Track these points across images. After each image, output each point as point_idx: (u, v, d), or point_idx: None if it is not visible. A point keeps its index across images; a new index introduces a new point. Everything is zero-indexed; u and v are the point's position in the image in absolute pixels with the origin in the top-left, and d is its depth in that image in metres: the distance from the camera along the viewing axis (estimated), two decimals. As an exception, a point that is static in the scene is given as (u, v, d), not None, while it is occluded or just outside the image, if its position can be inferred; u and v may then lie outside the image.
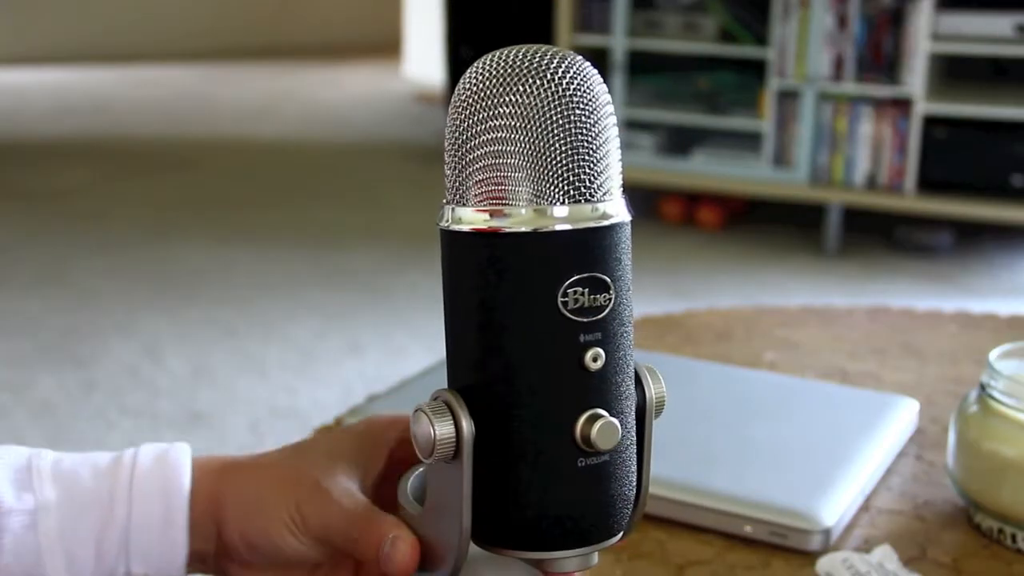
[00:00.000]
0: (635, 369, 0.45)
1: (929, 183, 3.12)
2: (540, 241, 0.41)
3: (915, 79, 3.06)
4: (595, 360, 0.41)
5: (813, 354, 1.01)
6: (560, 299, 0.41)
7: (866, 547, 0.71)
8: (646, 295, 2.84)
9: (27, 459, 0.51)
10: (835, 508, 0.72)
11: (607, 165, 0.42)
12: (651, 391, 0.45)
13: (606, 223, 0.42)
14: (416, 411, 0.43)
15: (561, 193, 0.41)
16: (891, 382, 0.96)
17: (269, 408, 2.25)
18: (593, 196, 0.41)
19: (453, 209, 0.42)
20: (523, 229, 0.41)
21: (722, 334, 1.06)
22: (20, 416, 2.20)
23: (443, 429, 0.42)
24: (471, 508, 0.43)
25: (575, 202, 0.41)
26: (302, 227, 3.49)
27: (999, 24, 3.01)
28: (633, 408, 0.44)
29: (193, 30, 6.79)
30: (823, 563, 0.69)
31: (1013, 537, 0.71)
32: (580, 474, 0.42)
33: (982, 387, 0.73)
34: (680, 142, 3.44)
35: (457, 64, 4.27)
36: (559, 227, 0.41)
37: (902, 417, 0.84)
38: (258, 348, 2.56)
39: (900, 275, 3.08)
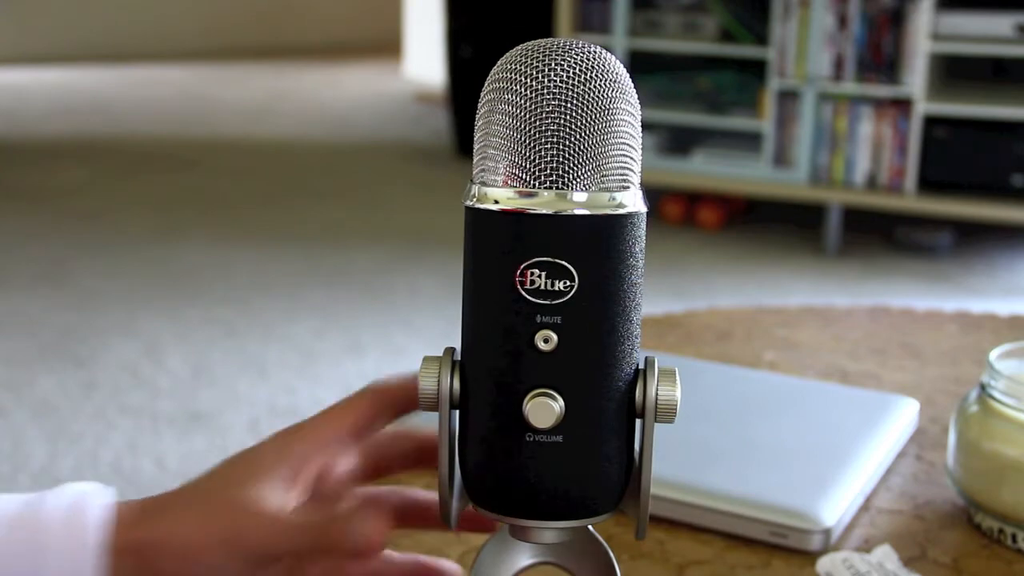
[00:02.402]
0: (642, 366, 0.46)
1: (929, 183, 3.12)
2: (507, 221, 0.43)
3: (915, 79, 3.06)
4: (546, 342, 0.43)
5: (813, 354, 1.01)
6: (518, 278, 0.43)
7: (866, 547, 0.71)
8: (646, 295, 2.83)
9: None
10: (835, 508, 0.72)
11: (595, 155, 0.43)
12: (652, 390, 0.45)
13: (578, 212, 0.43)
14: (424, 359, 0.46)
15: (533, 178, 0.43)
16: (891, 382, 0.96)
17: (269, 408, 2.25)
18: (567, 184, 0.43)
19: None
20: (492, 207, 0.43)
21: (722, 334, 1.06)
22: (20, 416, 2.20)
23: (425, 382, 0.45)
24: (447, 460, 0.46)
25: (548, 188, 0.43)
26: (302, 227, 3.49)
27: (999, 24, 3.01)
28: (607, 397, 0.45)
29: (193, 30, 6.79)
30: (823, 563, 0.69)
31: (1013, 537, 0.71)
32: (529, 449, 0.44)
33: (982, 387, 0.73)
34: (680, 142, 3.44)
35: (457, 64, 4.27)
36: (529, 210, 0.43)
37: (902, 417, 0.84)
38: (258, 348, 2.56)
39: (900, 275, 3.08)
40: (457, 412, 0.46)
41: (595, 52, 0.44)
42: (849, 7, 3.11)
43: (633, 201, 0.44)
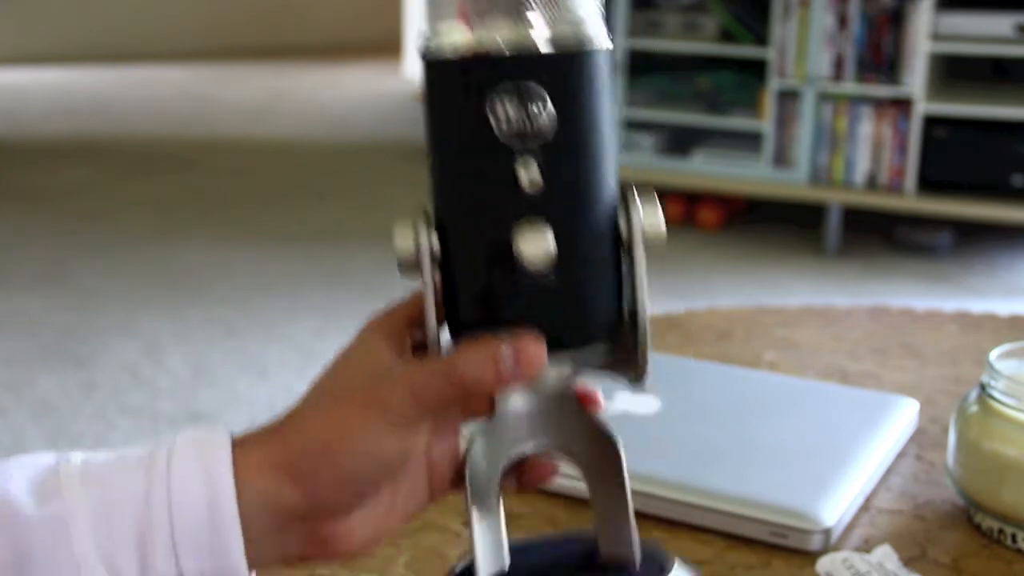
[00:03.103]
0: (625, 196, 0.45)
1: (929, 183, 3.12)
2: (470, 59, 0.41)
3: (915, 79, 3.06)
4: (530, 177, 0.42)
5: (813, 354, 1.01)
6: (488, 109, 0.41)
7: (866, 547, 0.71)
8: (646, 295, 2.83)
9: (52, 465, 0.46)
10: (835, 508, 0.72)
11: None
12: (639, 217, 0.45)
13: (543, 35, 0.41)
14: (395, 225, 0.45)
15: (491, 5, 0.41)
16: (891, 382, 0.96)
17: (269, 408, 2.25)
18: (525, 9, 0.41)
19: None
20: (456, 40, 0.41)
21: (722, 334, 1.06)
22: (20, 416, 2.20)
23: (402, 243, 0.44)
24: (435, 318, 0.45)
25: (506, 15, 0.41)
26: (302, 227, 3.49)
27: (999, 24, 3.01)
28: (596, 228, 0.44)
29: (193, 30, 6.79)
30: (823, 563, 0.69)
31: (1013, 537, 0.71)
32: (525, 288, 0.43)
33: (982, 387, 0.73)
34: (680, 142, 3.43)
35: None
36: (491, 48, 0.41)
37: (902, 417, 0.84)
38: (258, 348, 2.56)
39: (900, 275, 3.08)
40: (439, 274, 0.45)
41: None
42: (849, 7, 3.11)
43: (597, 33, 0.43)
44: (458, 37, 0.41)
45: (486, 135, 0.41)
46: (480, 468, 0.48)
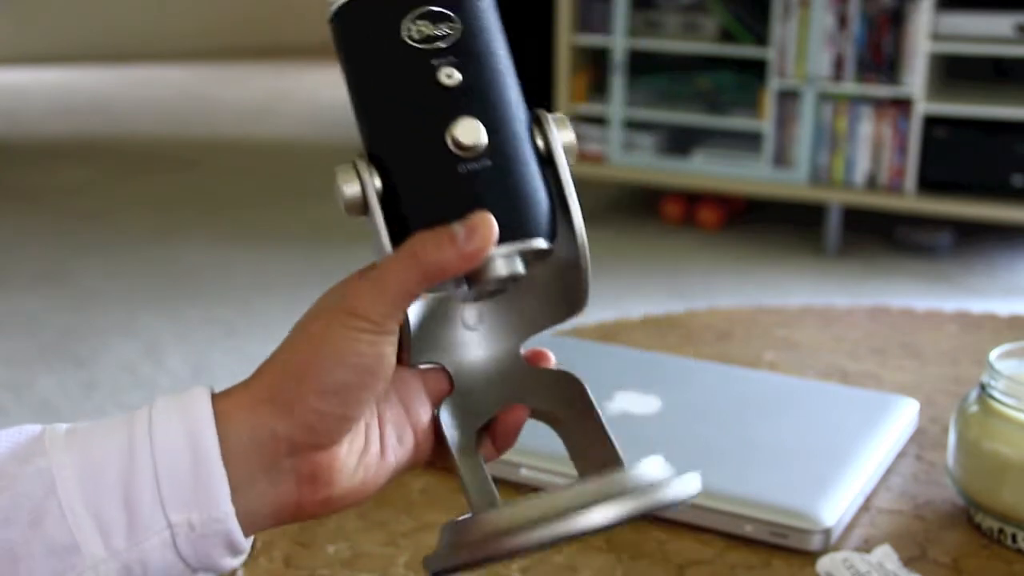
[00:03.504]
0: (538, 115, 0.49)
1: (929, 183, 3.12)
2: None
3: (915, 79, 3.06)
4: (450, 77, 0.46)
5: (813, 354, 1.02)
6: (404, 33, 0.46)
7: (866, 547, 0.71)
8: (646, 295, 2.83)
9: (37, 433, 0.46)
10: (835, 508, 0.72)
11: None
12: (553, 129, 0.48)
13: None
14: (334, 171, 0.48)
15: None
16: (891, 382, 0.96)
17: (269, 408, 2.25)
18: None
19: None
20: None
21: (722, 334, 1.06)
22: (20, 416, 2.20)
23: (350, 189, 0.47)
24: (390, 248, 0.47)
25: None
26: (302, 227, 3.49)
27: (999, 24, 3.01)
28: (517, 126, 0.47)
29: (193, 30, 6.79)
30: (823, 563, 0.69)
31: (1013, 537, 0.71)
32: (464, 179, 0.46)
33: (982, 387, 0.73)
34: (680, 142, 3.43)
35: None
36: None
37: (902, 417, 0.84)
38: (258, 348, 2.56)
39: (900, 275, 3.08)
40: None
41: None
42: (849, 7, 3.11)
43: None
44: None
45: (406, 54, 0.46)
46: (454, 434, 0.51)
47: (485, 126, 0.46)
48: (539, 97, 3.33)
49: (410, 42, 0.46)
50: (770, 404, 0.85)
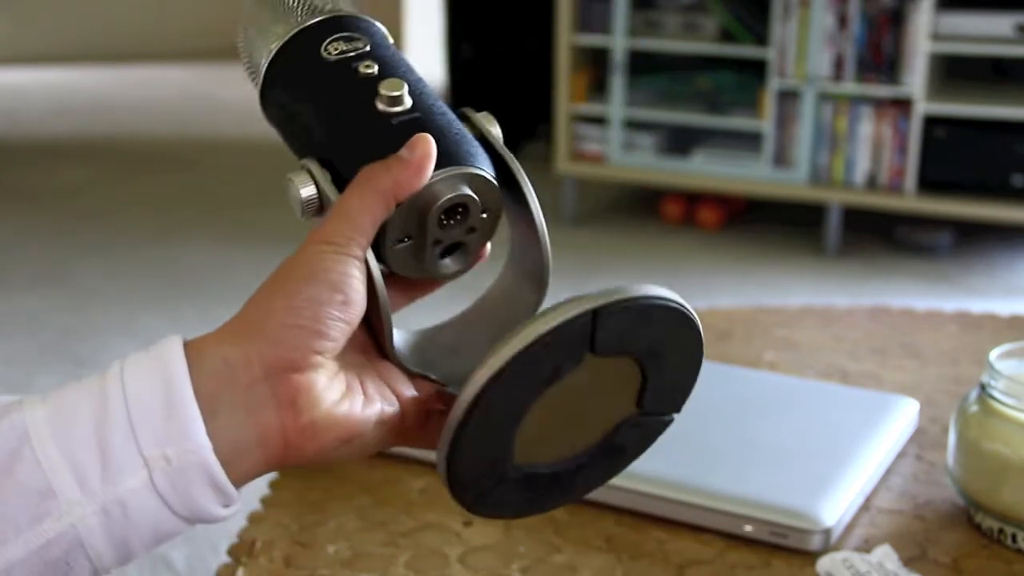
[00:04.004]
0: (462, 110, 0.54)
1: (929, 183, 3.12)
2: (302, 34, 0.54)
3: (915, 79, 3.06)
4: (368, 68, 0.52)
5: (813, 354, 1.02)
6: (324, 55, 0.53)
7: (866, 547, 0.71)
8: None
9: (16, 399, 0.47)
10: (835, 508, 0.72)
11: None
12: (478, 118, 0.53)
13: (339, 14, 0.54)
14: (286, 180, 0.52)
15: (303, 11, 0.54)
16: (891, 382, 0.96)
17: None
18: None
19: None
20: (282, 36, 0.54)
21: (722, 334, 1.06)
22: (20, 416, 2.20)
23: (306, 191, 0.51)
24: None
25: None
26: (302, 227, 3.46)
27: (999, 24, 3.01)
28: (436, 97, 0.53)
29: (193, 30, 6.79)
30: (823, 563, 0.69)
31: (1013, 537, 0.71)
32: (398, 129, 0.50)
33: (982, 387, 0.73)
34: (680, 142, 3.43)
35: (457, 64, 4.27)
36: (311, 22, 0.54)
37: (902, 417, 0.84)
38: (258, 348, 2.56)
39: (900, 275, 3.08)
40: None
41: None
42: (849, 7, 3.11)
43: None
44: (279, 30, 0.54)
45: (330, 66, 0.53)
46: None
47: (407, 89, 0.51)
48: (539, 97, 3.31)
49: (331, 58, 0.53)
50: (770, 404, 0.85)
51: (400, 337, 0.53)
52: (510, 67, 4.16)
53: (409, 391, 0.51)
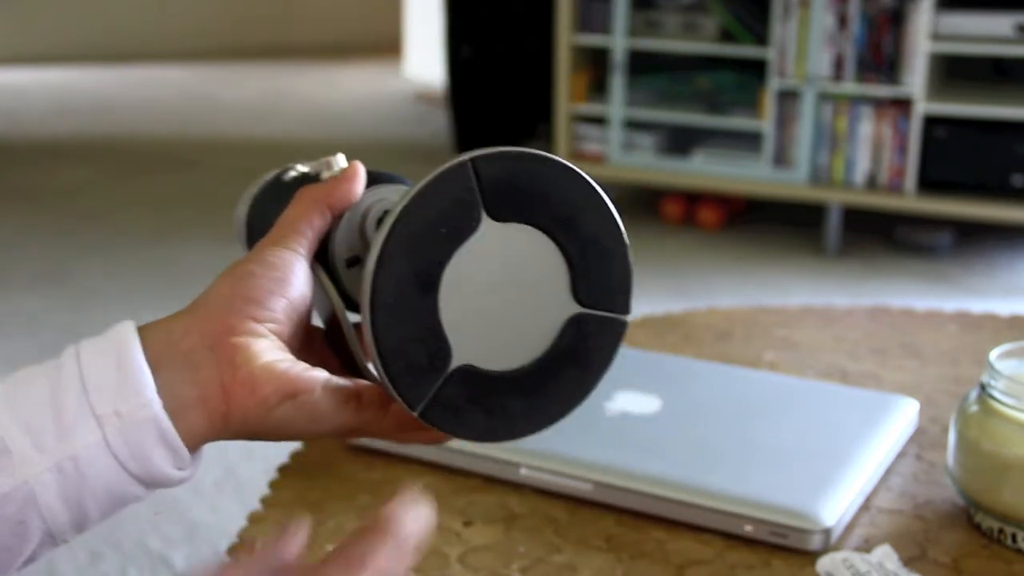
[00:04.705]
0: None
1: (929, 183, 3.12)
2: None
3: (915, 79, 3.06)
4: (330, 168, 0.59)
5: (813, 354, 1.02)
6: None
7: (866, 547, 0.71)
8: (646, 295, 2.83)
9: None
10: (835, 508, 0.72)
11: None
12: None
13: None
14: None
15: None
16: (891, 382, 0.96)
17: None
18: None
19: None
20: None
21: (722, 334, 1.06)
22: (20, 416, 2.20)
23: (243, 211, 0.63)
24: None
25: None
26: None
27: (999, 24, 3.01)
28: None
29: (193, 30, 6.79)
30: (823, 563, 0.69)
31: (1013, 537, 0.71)
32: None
33: (982, 387, 0.73)
34: (680, 142, 3.44)
35: (457, 64, 4.27)
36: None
37: (902, 417, 0.84)
38: (258, 348, 2.56)
39: (900, 275, 3.08)
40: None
41: None
42: (849, 7, 3.11)
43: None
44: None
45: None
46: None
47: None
48: (539, 97, 3.31)
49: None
50: (770, 404, 0.85)
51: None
52: (510, 67, 4.17)
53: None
